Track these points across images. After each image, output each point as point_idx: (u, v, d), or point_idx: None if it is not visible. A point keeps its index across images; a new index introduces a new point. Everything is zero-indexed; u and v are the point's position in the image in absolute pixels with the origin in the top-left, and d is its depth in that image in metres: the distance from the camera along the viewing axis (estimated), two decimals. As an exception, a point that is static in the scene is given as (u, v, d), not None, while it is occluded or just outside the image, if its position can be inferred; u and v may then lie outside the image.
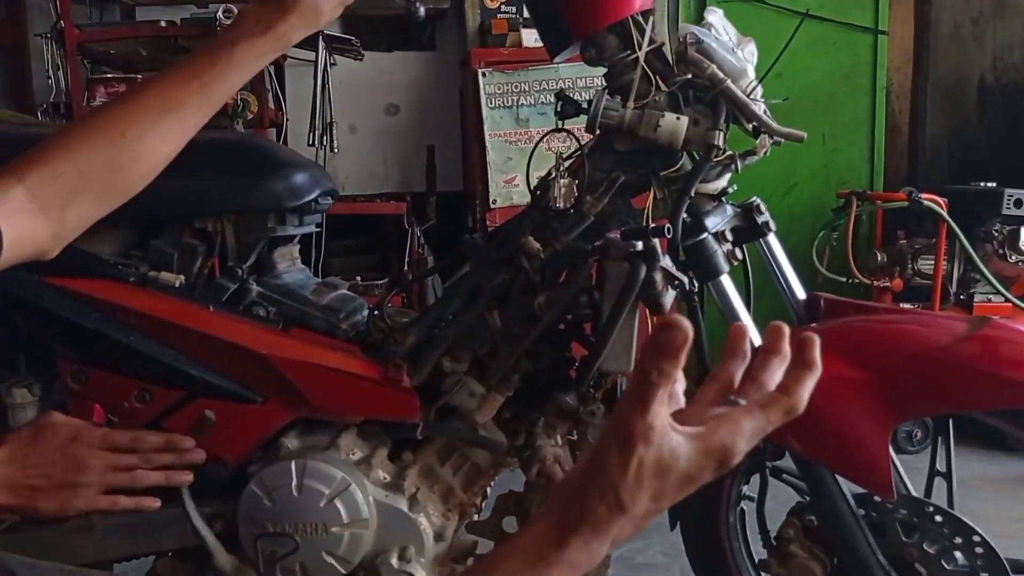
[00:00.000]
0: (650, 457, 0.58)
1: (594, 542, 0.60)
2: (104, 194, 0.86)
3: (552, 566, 0.60)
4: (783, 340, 0.64)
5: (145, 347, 1.35)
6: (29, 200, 0.80)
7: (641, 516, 0.60)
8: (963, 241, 3.05)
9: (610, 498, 0.59)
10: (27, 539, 1.41)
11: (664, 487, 0.59)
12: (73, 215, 0.84)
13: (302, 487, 1.33)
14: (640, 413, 0.57)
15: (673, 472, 0.59)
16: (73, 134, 0.85)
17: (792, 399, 0.61)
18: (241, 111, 3.40)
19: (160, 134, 0.87)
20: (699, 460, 0.59)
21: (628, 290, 1.26)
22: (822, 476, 1.35)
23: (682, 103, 1.29)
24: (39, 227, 0.81)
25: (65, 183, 0.82)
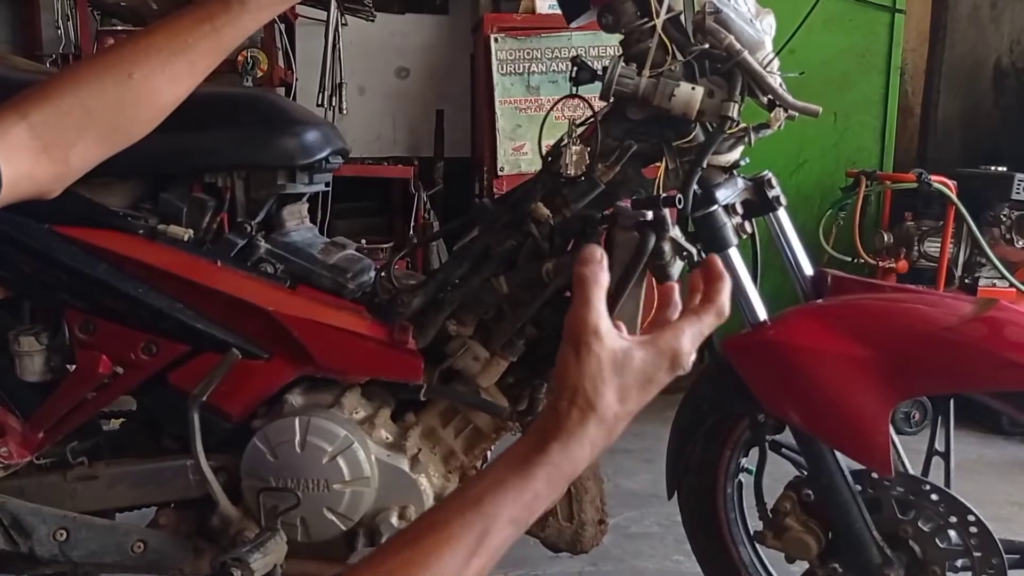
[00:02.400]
0: (605, 352, 0.67)
1: (572, 445, 0.66)
2: (109, 134, 0.84)
3: (534, 467, 0.66)
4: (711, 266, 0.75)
5: (152, 300, 1.35)
6: (32, 138, 0.77)
7: (612, 418, 0.67)
8: (970, 224, 3.04)
9: (578, 399, 0.66)
10: (31, 486, 1.43)
11: (625, 386, 0.67)
12: (77, 155, 0.82)
13: (305, 443, 1.34)
14: (585, 310, 0.67)
15: (630, 370, 0.67)
16: (81, 72, 0.83)
17: (716, 303, 0.72)
18: (251, 69, 3.38)
19: (169, 76, 0.85)
20: (652, 359, 0.68)
21: (636, 259, 1.26)
22: (821, 451, 1.36)
23: (698, 73, 1.28)
24: (41, 166, 0.78)
25: (70, 121, 0.80)
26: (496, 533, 0.65)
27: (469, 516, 0.64)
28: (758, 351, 1.35)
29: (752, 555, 1.57)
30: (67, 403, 1.41)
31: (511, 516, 0.65)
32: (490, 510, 0.65)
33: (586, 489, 1.47)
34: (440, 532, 0.64)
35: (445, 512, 0.65)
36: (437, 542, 0.63)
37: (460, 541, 0.63)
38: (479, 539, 0.64)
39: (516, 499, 0.65)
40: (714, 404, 1.52)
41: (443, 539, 0.63)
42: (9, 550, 1.37)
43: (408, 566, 0.62)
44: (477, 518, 0.64)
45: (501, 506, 0.65)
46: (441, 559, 0.62)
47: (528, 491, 0.66)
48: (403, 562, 0.62)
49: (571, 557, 1.58)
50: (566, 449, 0.66)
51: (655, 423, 3.08)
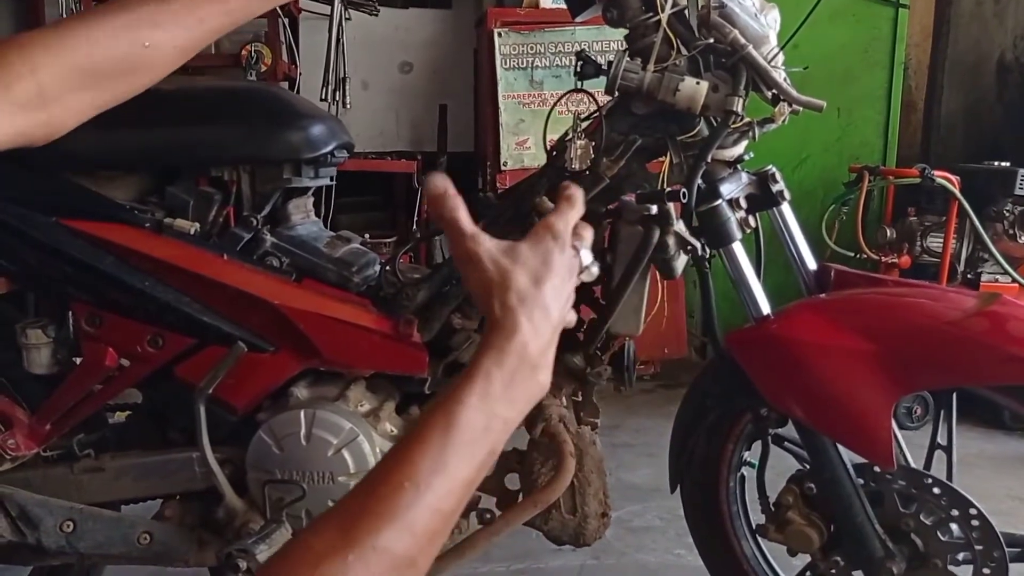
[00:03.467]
0: (489, 248, 0.71)
1: (509, 329, 0.69)
2: (105, 96, 0.83)
3: (480, 366, 0.68)
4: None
5: (159, 293, 1.36)
6: (38, 96, 0.75)
7: (532, 300, 0.70)
8: (973, 220, 3.04)
9: (492, 292, 0.70)
10: (38, 478, 1.44)
11: (528, 266, 0.71)
12: (73, 113, 0.80)
13: (310, 436, 1.35)
14: (459, 234, 0.71)
15: (521, 252, 0.72)
16: (98, 30, 0.80)
17: (571, 194, 0.78)
18: (255, 63, 3.39)
19: (176, 49, 0.85)
20: (537, 239, 0.73)
21: (640, 253, 1.27)
22: (823, 444, 1.36)
23: (702, 68, 1.28)
24: (39, 125, 0.77)
25: (77, 82, 0.78)
26: (467, 422, 0.65)
27: (435, 417, 0.65)
28: (761, 345, 1.36)
29: (754, 548, 1.57)
30: (73, 395, 1.42)
31: (483, 422, 0.66)
32: (452, 407, 0.66)
33: (589, 482, 1.47)
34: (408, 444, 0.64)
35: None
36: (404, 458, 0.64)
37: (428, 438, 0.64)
38: (444, 434, 0.65)
39: (481, 406, 0.67)
40: (717, 398, 1.52)
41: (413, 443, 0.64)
42: (16, 541, 1.38)
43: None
44: (442, 416, 0.65)
45: (463, 402, 0.66)
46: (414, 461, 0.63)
47: (491, 389, 0.67)
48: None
49: (573, 550, 1.59)
50: (507, 345, 0.69)
51: (657, 417, 3.12)
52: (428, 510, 0.61)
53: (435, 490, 0.62)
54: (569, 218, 0.77)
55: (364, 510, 0.60)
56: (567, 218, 0.77)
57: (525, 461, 1.46)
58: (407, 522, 0.60)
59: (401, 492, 0.61)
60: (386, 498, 0.61)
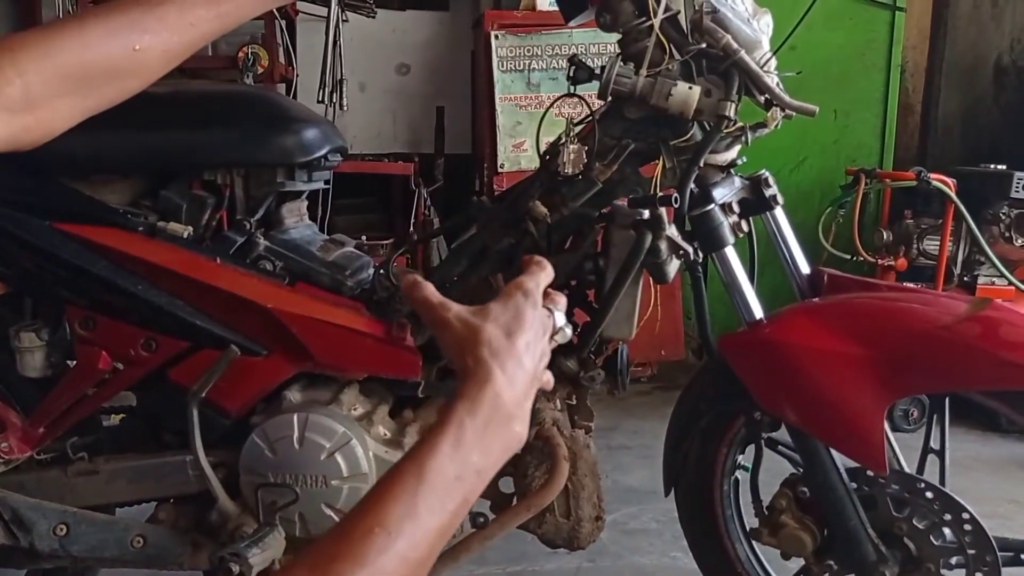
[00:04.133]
0: (458, 311, 0.75)
1: (481, 378, 0.71)
2: (94, 101, 0.82)
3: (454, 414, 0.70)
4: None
5: (152, 296, 1.36)
6: (24, 101, 0.73)
7: (505, 351, 0.72)
8: (969, 222, 3.04)
9: (464, 348, 0.73)
10: (32, 481, 1.44)
11: (499, 321, 0.74)
12: (61, 117, 0.79)
13: (303, 440, 1.35)
14: (429, 306, 0.76)
15: (491, 311, 0.75)
16: (88, 33, 0.79)
17: (540, 260, 0.82)
18: (252, 65, 3.38)
19: (167, 53, 0.84)
20: (507, 297, 0.76)
21: (633, 258, 1.27)
22: (816, 448, 1.36)
23: (695, 72, 1.29)
24: (26, 130, 0.75)
25: (65, 86, 0.77)
26: (433, 490, 0.66)
27: (397, 489, 0.66)
28: (754, 349, 1.36)
29: (748, 552, 1.57)
30: (67, 399, 1.42)
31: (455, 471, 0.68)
32: (417, 472, 0.66)
33: (583, 486, 1.47)
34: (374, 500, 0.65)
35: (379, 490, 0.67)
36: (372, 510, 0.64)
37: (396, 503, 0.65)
38: (412, 498, 0.65)
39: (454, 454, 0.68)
40: (711, 401, 1.53)
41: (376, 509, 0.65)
42: (10, 544, 1.38)
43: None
44: (412, 481, 0.66)
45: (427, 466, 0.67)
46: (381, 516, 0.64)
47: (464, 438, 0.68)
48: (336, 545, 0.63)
49: (568, 553, 1.59)
50: (480, 395, 0.70)
51: (652, 420, 3.12)
52: (398, 557, 0.62)
53: (406, 537, 0.63)
54: (540, 279, 0.80)
55: (336, 553, 0.61)
56: (537, 279, 0.80)
57: (519, 464, 1.46)
58: (377, 567, 0.61)
59: (372, 537, 0.61)
60: (357, 542, 0.61)
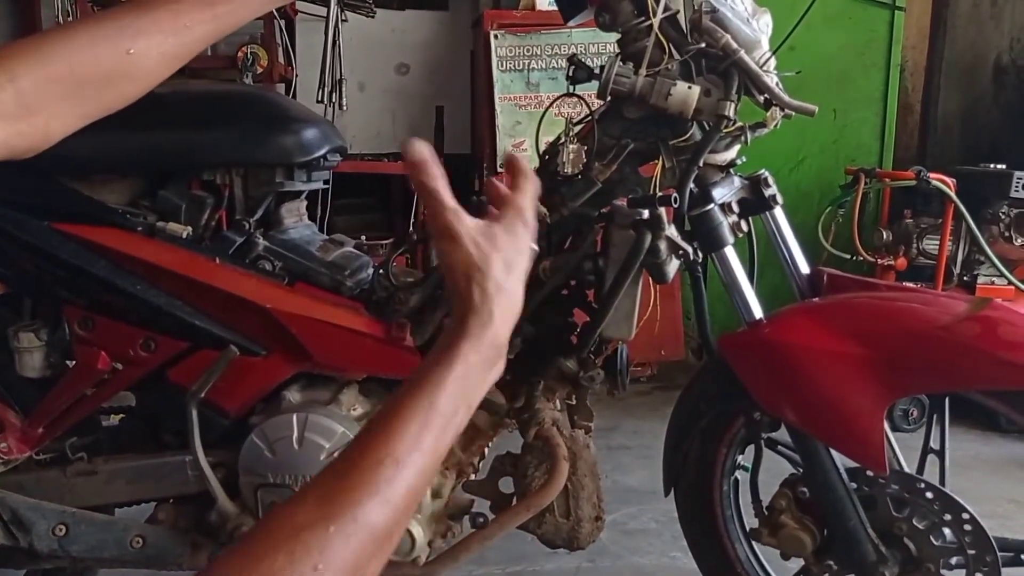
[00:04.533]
0: (471, 228, 0.71)
1: (485, 318, 0.70)
2: (91, 106, 0.80)
3: (459, 351, 0.69)
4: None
5: (151, 297, 1.36)
6: (17, 106, 0.73)
7: (506, 289, 0.71)
8: (969, 222, 3.04)
9: (473, 276, 0.71)
10: (31, 481, 1.44)
11: (503, 252, 0.72)
12: (57, 125, 0.78)
13: (303, 440, 1.35)
14: (440, 206, 0.71)
15: (498, 236, 0.72)
16: (77, 37, 0.78)
17: (522, 167, 0.79)
18: (251, 65, 3.38)
19: (163, 57, 0.83)
20: (508, 223, 0.74)
21: (632, 258, 1.27)
22: (816, 449, 1.36)
23: (694, 72, 1.29)
24: (20, 135, 0.75)
25: (59, 91, 0.76)
26: (436, 418, 0.66)
27: (406, 406, 0.66)
28: (754, 349, 1.36)
29: (748, 552, 1.57)
30: (66, 399, 1.42)
31: (455, 406, 0.68)
32: (421, 401, 0.66)
33: (583, 486, 1.47)
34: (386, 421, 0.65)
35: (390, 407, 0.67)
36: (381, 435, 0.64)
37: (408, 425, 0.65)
38: (423, 424, 0.65)
39: (457, 391, 0.68)
40: (710, 402, 1.53)
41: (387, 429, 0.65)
42: (9, 545, 1.38)
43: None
44: (417, 402, 0.66)
45: (433, 395, 0.67)
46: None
47: (468, 377, 0.69)
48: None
49: (568, 553, 1.59)
50: (483, 334, 0.70)
51: (652, 420, 3.12)
52: (404, 487, 0.63)
53: (412, 468, 0.63)
54: (530, 195, 0.78)
55: (345, 484, 0.61)
56: (528, 196, 0.78)
57: (519, 465, 1.46)
58: (387, 496, 0.61)
59: (381, 467, 0.62)
60: (368, 471, 0.62)
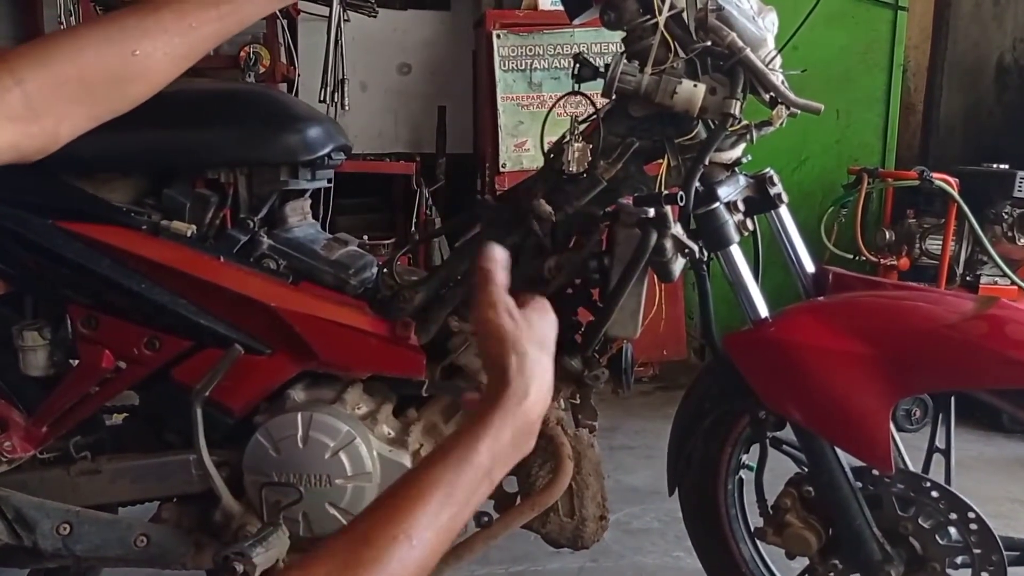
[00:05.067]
0: (510, 317, 0.74)
1: (521, 392, 0.71)
2: (100, 108, 0.80)
3: (491, 424, 0.69)
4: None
5: (155, 295, 1.35)
6: (25, 107, 0.73)
7: (540, 368, 0.73)
8: (972, 222, 3.03)
9: (511, 349, 0.72)
10: (34, 480, 1.43)
11: (534, 335, 0.74)
12: (66, 127, 0.78)
13: (308, 439, 1.34)
14: (488, 308, 0.74)
15: (532, 322, 0.75)
16: (82, 39, 0.78)
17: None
18: (253, 64, 3.38)
19: (168, 57, 0.83)
20: (536, 304, 0.78)
21: (638, 256, 1.27)
22: (821, 448, 1.36)
23: (700, 71, 1.28)
24: (29, 137, 0.75)
25: (66, 93, 0.76)
26: (453, 501, 0.66)
27: (425, 487, 0.66)
28: (759, 348, 1.36)
29: (753, 551, 1.57)
30: (70, 398, 1.42)
31: (478, 482, 0.68)
32: (440, 481, 0.66)
33: (587, 485, 1.47)
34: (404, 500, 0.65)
35: (401, 488, 0.66)
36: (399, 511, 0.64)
37: (426, 505, 0.65)
38: (441, 504, 0.65)
39: (487, 469, 0.68)
40: (715, 401, 1.52)
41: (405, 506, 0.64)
42: (13, 544, 1.38)
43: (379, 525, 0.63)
44: (435, 488, 0.66)
45: (452, 478, 0.66)
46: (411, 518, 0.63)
47: (498, 449, 0.69)
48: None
49: (572, 553, 1.59)
50: (517, 410, 0.70)
51: (656, 420, 3.12)
52: (415, 565, 0.62)
53: (426, 545, 0.63)
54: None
55: (357, 559, 0.60)
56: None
57: (523, 464, 1.45)
58: (394, 574, 0.61)
59: (396, 545, 0.61)
60: (381, 550, 0.61)
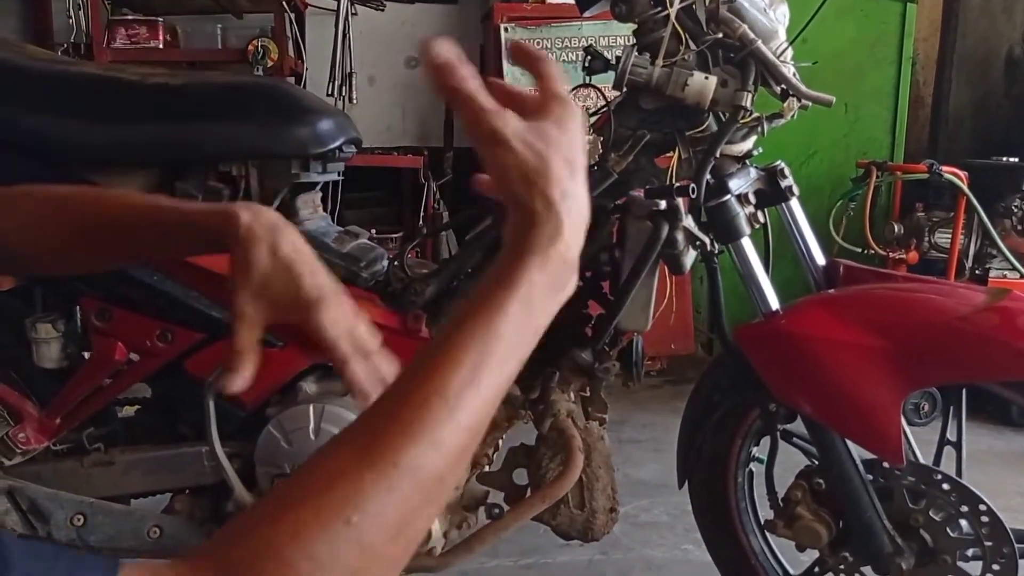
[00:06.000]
0: (520, 129, 0.59)
1: (552, 230, 0.60)
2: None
3: (524, 270, 0.59)
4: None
5: (167, 288, 1.36)
6: None
7: (571, 194, 0.60)
8: (981, 215, 3.03)
9: (533, 182, 0.59)
10: (48, 472, 1.44)
11: (562, 152, 0.60)
12: None
13: (319, 430, 1.35)
14: (480, 110, 0.59)
15: (551, 133, 0.60)
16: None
17: (539, 55, 0.66)
18: (261, 58, 3.39)
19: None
20: (557, 117, 0.61)
21: (649, 249, 1.27)
22: (832, 440, 1.36)
23: (711, 63, 1.28)
24: None
25: None
26: (497, 345, 0.57)
27: (465, 336, 0.57)
28: (770, 341, 1.36)
29: (762, 544, 1.57)
30: (83, 390, 1.42)
31: (520, 335, 0.59)
32: (484, 325, 0.57)
33: (597, 478, 1.47)
34: (438, 355, 0.56)
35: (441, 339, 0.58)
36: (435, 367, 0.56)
37: (463, 357, 0.56)
38: (480, 357, 0.57)
39: (522, 318, 0.59)
40: (725, 393, 1.52)
41: (441, 362, 0.56)
42: (28, 534, 1.38)
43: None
44: (474, 335, 0.57)
45: (496, 319, 0.58)
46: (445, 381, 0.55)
47: (534, 300, 0.59)
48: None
49: (581, 545, 1.59)
50: (551, 249, 0.60)
51: (664, 413, 3.13)
52: (456, 428, 0.54)
53: (466, 407, 0.55)
54: (560, 80, 0.65)
55: (385, 427, 0.53)
56: (560, 81, 0.65)
57: (533, 456, 1.46)
58: (436, 440, 0.53)
59: (428, 408, 0.54)
60: (411, 411, 0.54)
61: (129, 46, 3.44)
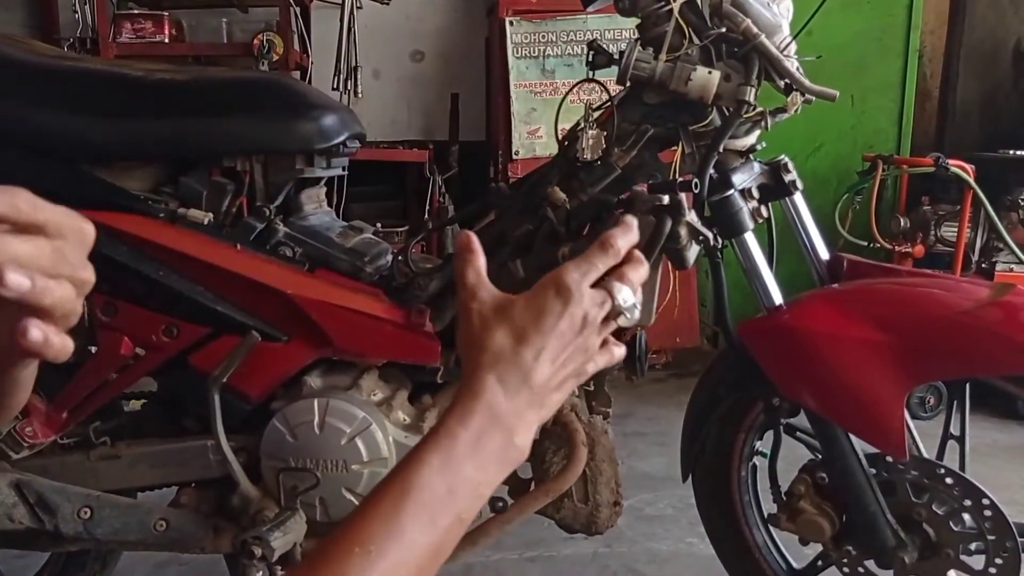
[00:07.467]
0: (484, 306, 0.68)
1: (475, 388, 0.66)
2: None
3: (445, 425, 0.65)
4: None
5: (173, 282, 1.37)
6: None
7: (513, 355, 0.67)
8: (988, 209, 3.02)
9: (474, 356, 0.67)
10: (55, 465, 1.45)
11: (515, 326, 0.67)
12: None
13: (324, 425, 1.36)
14: (463, 291, 0.70)
15: (514, 309, 0.68)
16: None
17: (608, 241, 0.71)
18: (267, 52, 3.39)
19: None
20: (534, 294, 0.69)
21: (652, 244, 1.27)
22: (835, 434, 1.36)
23: (714, 57, 1.28)
24: None
25: None
26: (440, 506, 0.62)
27: (407, 497, 0.61)
28: (774, 335, 1.36)
29: (766, 537, 1.58)
30: (89, 384, 1.43)
31: (446, 485, 0.63)
32: (420, 483, 0.62)
33: (601, 471, 1.48)
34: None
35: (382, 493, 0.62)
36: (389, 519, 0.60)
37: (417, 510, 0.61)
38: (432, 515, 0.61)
39: (444, 468, 0.63)
40: (729, 387, 1.53)
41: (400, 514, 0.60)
42: (35, 528, 1.40)
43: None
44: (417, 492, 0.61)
45: (432, 477, 0.62)
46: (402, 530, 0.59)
47: (455, 451, 0.63)
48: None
49: (586, 538, 1.60)
50: (472, 405, 0.65)
51: (668, 407, 3.13)
52: (382, 573, 0.57)
53: (389, 557, 0.57)
54: (595, 266, 0.69)
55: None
56: (590, 267, 0.69)
57: (537, 450, 1.47)
58: None
59: (351, 558, 0.57)
60: (336, 563, 0.57)
61: (135, 40, 3.44)
